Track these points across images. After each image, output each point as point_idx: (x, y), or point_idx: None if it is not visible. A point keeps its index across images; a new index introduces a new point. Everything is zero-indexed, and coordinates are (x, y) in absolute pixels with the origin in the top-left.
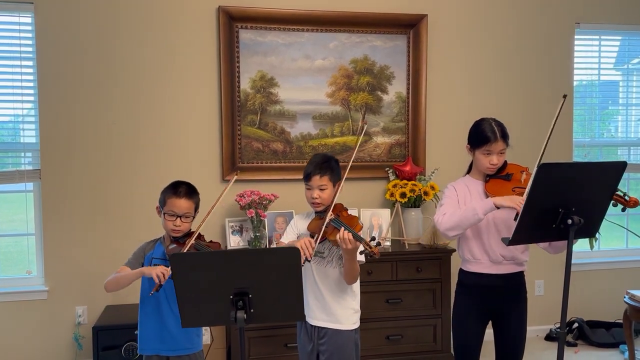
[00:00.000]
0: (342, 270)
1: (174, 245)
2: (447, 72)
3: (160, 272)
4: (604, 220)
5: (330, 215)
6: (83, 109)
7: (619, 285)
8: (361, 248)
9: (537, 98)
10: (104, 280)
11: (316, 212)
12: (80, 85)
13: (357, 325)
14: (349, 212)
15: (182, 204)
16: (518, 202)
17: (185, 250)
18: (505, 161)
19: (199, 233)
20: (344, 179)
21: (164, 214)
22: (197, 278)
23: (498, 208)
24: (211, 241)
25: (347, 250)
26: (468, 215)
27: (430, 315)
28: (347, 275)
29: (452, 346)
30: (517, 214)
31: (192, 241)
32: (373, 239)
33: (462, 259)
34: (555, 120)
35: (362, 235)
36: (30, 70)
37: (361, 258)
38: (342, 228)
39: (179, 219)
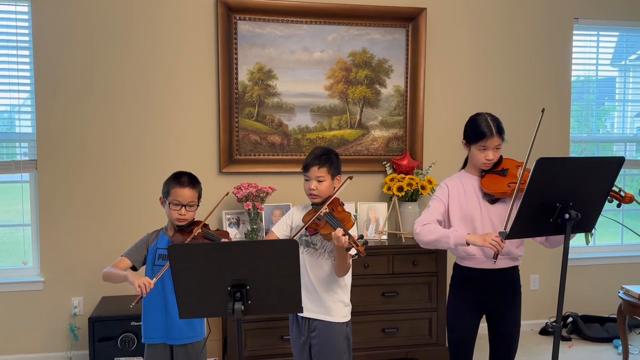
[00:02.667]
0: (334, 263)
1: (179, 234)
2: (445, 66)
3: (142, 283)
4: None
5: (324, 209)
6: (80, 99)
7: (614, 280)
8: (348, 245)
9: (535, 93)
10: (100, 271)
11: (313, 204)
12: (77, 75)
13: (347, 318)
14: (345, 206)
15: (186, 193)
16: (490, 240)
17: (192, 238)
18: (501, 156)
19: (205, 222)
20: (347, 178)
21: (169, 203)
22: (195, 269)
23: (468, 245)
24: (218, 229)
25: (339, 247)
26: (442, 240)
27: (426, 309)
28: (337, 269)
29: (446, 339)
30: (495, 253)
31: (200, 229)
32: (361, 237)
33: (457, 256)
34: (536, 134)
35: (352, 232)
36: (27, 60)
37: (351, 252)
38: (338, 228)
39: (183, 208)
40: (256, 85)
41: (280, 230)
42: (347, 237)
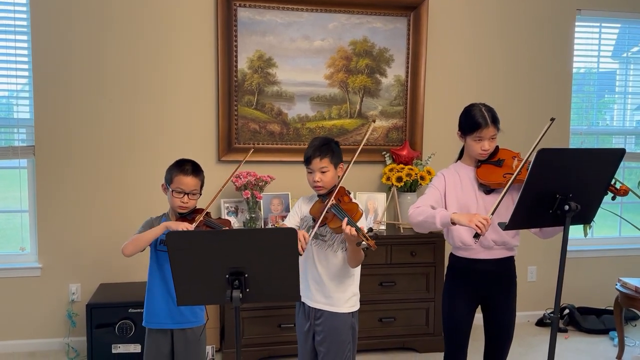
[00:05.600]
0: (344, 255)
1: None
2: (446, 56)
3: (185, 227)
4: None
5: (330, 201)
6: (78, 84)
7: (611, 272)
8: (358, 239)
9: (537, 84)
10: (98, 257)
11: (319, 195)
12: (76, 61)
13: (355, 308)
14: (352, 195)
15: (189, 181)
16: (477, 221)
17: (194, 227)
18: (497, 146)
19: (207, 211)
20: (352, 162)
21: (172, 191)
22: (193, 257)
23: (454, 224)
24: (220, 218)
25: (348, 239)
26: (429, 220)
27: (423, 299)
28: (351, 260)
29: (443, 329)
30: (476, 234)
31: (202, 217)
32: (370, 230)
33: (453, 246)
34: (540, 139)
35: (361, 223)
36: (25, 45)
37: (361, 246)
38: (346, 220)
39: (186, 196)
40: (256, 74)
41: (293, 222)
42: (355, 230)
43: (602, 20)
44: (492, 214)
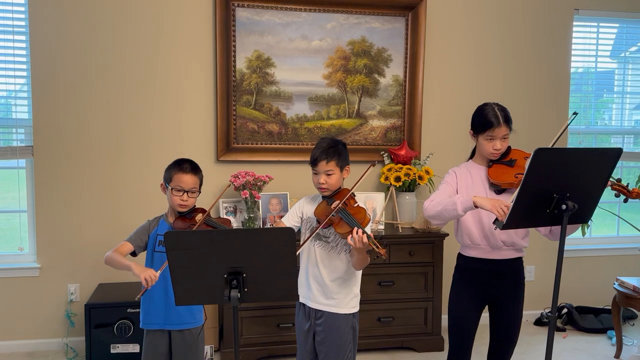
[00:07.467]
0: (348, 257)
1: (180, 221)
2: (444, 56)
3: (148, 276)
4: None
5: (338, 205)
6: (77, 85)
7: (609, 272)
8: (368, 248)
9: (535, 84)
10: (96, 257)
11: (323, 197)
12: (74, 61)
13: (356, 309)
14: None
15: (188, 179)
16: (499, 207)
17: (196, 227)
18: (509, 147)
19: (205, 209)
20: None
21: (171, 189)
22: (191, 256)
23: (476, 207)
24: (219, 217)
25: (357, 248)
26: (449, 208)
27: (421, 299)
28: (357, 264)
29: (441, 329)
30: (496, 219)
31: (203, 217)
32: (381, 238)
33: (462, 245)
34: (561, 134)
35: (367, 229)
36: (23, 45)
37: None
38: (356, 228)
39: (186, 194)
40: (254, 73)
41: (291, 221)
42: (366, 236)
43: (600, 20)
44: (513, 201)
